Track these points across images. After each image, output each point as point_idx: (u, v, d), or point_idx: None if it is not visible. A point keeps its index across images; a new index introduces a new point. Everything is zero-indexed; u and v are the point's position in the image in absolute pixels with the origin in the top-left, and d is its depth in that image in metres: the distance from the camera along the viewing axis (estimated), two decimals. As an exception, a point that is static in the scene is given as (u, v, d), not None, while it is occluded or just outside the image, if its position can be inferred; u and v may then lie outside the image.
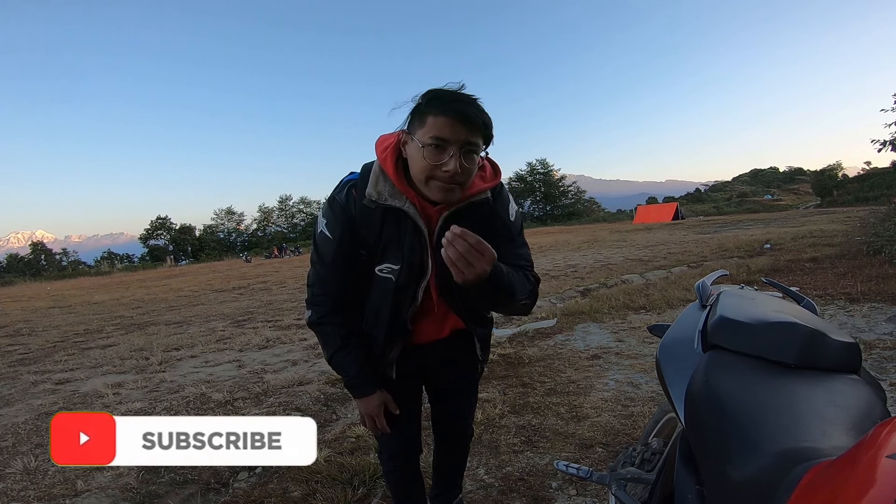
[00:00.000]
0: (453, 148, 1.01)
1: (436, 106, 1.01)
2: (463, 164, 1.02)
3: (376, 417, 1.24)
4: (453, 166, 1.00)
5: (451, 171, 1.01)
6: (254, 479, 2.16)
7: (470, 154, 1.03)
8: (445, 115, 0.99)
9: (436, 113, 1.00)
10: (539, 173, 54.74)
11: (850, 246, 7.98)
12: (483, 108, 1.05)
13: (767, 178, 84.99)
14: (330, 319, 1.19)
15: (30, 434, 2.73)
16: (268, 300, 8.63)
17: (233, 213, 54.12)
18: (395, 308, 1.18)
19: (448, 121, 0.99)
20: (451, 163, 1.01)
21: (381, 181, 1.11)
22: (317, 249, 1.18)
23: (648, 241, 15.00)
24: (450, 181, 1.03)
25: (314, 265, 1.20)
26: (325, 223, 1.15)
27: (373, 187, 1.10)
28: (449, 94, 1.02)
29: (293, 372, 3.63)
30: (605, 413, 2.50)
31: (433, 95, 1.03)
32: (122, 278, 23.76)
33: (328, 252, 1.15)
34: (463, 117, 0.99)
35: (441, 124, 1.00)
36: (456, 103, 1.00)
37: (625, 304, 5.12)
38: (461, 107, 1.00)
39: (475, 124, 1.01)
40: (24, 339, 6.51)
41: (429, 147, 1.01)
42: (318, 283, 1.19)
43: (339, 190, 1.15)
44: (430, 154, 1.01)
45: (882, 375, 2.68)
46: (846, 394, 0.75)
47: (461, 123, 0.99)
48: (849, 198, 36.33)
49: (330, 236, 1.14)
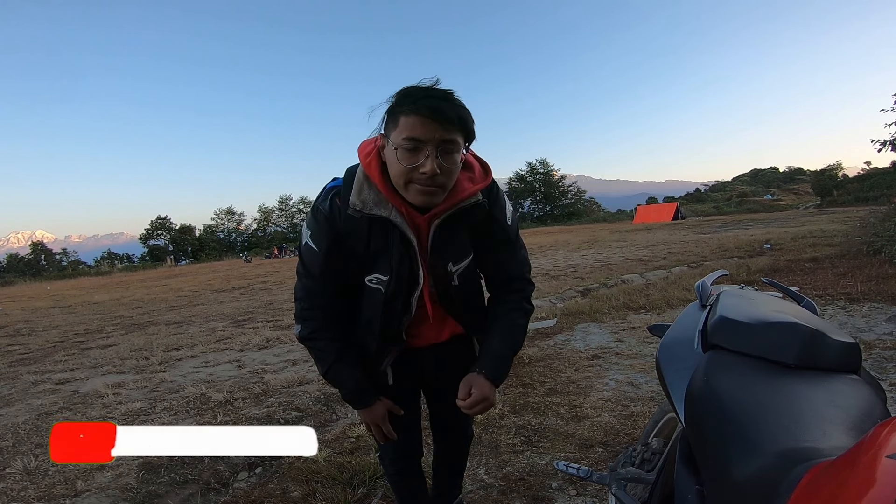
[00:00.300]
0: (428, 147, 0.95)
1: (406, 104, 0.95)
2: (441, 165, 0.96)
3: (382, 425, 1.22)
4: (430, 167, 0.94)
5: (428, 173, 0.95)
6: (254, 479, 2.16)
7: (449, 153, 0.97)
8: (417, 114, 0.93)
9: (407, 112, 0.94)
10: (539, 173, 54.74)
11: (850, 246, 7.98)
12: (459, 102, 0.98)
13: (767, 178, 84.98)
14: (322, 334, 1.14)
15: (30, 434, 2.73)
16: (268, 300, 8.62)
17: (233, 213, 54.15)
18: (387, 319, 1.13)
19: (420, 119, 0.93)
20: (427, 164, 0.94)
21: (365, 188, 1.04)
22: (303, 262, 1.12)
23: (648, 241, 15.00)
24: (429, 184, 0.97)
25: (301, 278, 1.14)
26: (309, 235, 1.09)
27: (356, 196, 1.03)
28: (420, 91, 0.96)
29: (293, 372, 3.63)
30: (605, 413, 2.50)
31: (404, 93, 0.97)
32: (122, 278, 23.75)
33: (315, 265, 1.09)
34: (435, 114, 0.93)
35: (413, 123, 0.94)
36: (427, 99, 0.94)
37: (625, 304, 5.12)
38: (433, 103, 0.93)
39: (450, 120, 0.94)
40: (24, 339, 6.51)
41: (402, 149, 0.95)
42: (307, 297, 1.14)
43: (322, 199, 1.09)
44: (404, 156, 0.95)
45: (882, 375, 2.68)
46: (846, 394, 0.75)
47: (434, 121, 0.93)
48: (849, 198, 36.32)
49: (316, 248, 1.08)
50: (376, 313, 1.13)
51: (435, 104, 0.93)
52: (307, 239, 1.09)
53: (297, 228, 53.20)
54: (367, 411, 1.21)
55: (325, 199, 1.08)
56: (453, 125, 0.95)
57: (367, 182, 1.04)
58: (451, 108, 0.95)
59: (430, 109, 0.93)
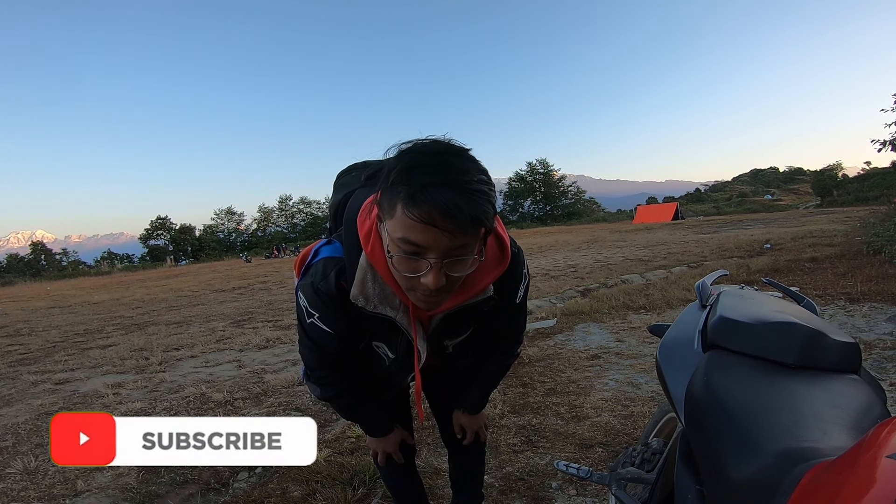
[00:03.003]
0: (431, 258, 0.73)
1: (405, 194, 0.69)
2: (448, 276, 0.77)
3: (393, 454, 1.25)
4: (433, 282, 0.75)
5: (431, 288, 0.76)
6: (254, 479, 2.16)
7: (458, 262, 0.76)
8: (417, 215, 0.69)
9: (406, 203, 0.69)
10: (539, 173, 54.81)
11: (850, 246, 7.97)
12: (478, 189, 0.71)
13: (767, 178, 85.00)
14: (344, 394, 1.11)
15: (30, 434, 2.73)
16: (268, 300, 8.62)
17: (233, 213, 54.23)
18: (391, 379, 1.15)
19: (420, 224, 0.69)
20: (429, 277, 0.74)
21: (368, 281, 0.88)
22: (310, 338, 0.98)
23: (648, 241, 14.99)
24: (432, 295, 0.80)
25: (311, 350, 1.01)
26: (317, 316, 0.93)
27: (359, 289, 0.88)
28: (425, 174, 0.69)
29: (293, 372, 3.63)
30: (605, 413, 2.50)
31: (404, 168, 0.71)
32: (122, 278, 23.75)
33: (330, 345, 0.98)
34: (444, 218, 0.68)
35: (411, 226, 0.70)
36: (434, 190, 0.68)
37: (625, 304, 5.11)
38: (441, 199, 0.68)
39: (462, 227, 0.70)
40: (24, 339, 6.51)
41: (399, 251, 0.74)
42: (322, 367, 1.05)
43: (322, 276, 0.91)
44: (401, 261, 0.75)
45: (882, 375, 2.67)
46: (846, 394, 0.75)
47: (440, 228, 0.69)
48: (849, 198, 36.34)
49: (330, 331, 0.94)
50: (382, 373, 1.12)
51: (444, 202, 0.68)
52: (315, 320, 0.94)
53: (296, 228, 53.22)
54: (383, 441, 1.24)
55: (326, 277, 0.91)
56: (464, 232, 0.71)
57: (371, 273, 0.88)
58: (465, 203, 0.69)
59: (438, 211, 0.68)
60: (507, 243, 0.93)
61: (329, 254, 0.94)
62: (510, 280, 0.98)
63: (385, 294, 0.90)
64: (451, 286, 0.80)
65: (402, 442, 1.29)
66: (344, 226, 0.95)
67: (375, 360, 1.08)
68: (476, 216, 0.71)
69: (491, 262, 0.91)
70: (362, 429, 1.25)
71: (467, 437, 1.33)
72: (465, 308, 0.95)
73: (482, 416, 1.35)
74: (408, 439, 1.30)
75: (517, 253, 0.98)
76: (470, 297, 0.91)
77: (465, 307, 0.94)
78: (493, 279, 0.92)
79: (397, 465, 1.35)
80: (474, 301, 0.93)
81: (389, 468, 1.38)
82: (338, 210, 1.07)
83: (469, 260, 0.78)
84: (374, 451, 1.28)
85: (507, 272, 0.94)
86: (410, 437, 1.34)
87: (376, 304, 0.90)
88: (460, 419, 1.32)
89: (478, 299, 0.93)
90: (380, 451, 1.26)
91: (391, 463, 1.30)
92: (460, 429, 1.33)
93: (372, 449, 1.28)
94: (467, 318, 1.03)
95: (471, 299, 0.92)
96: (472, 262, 0.79)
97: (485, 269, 0.90)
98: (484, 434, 1.38)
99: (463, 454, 1.47)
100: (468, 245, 0.75)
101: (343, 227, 0.95)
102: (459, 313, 0.97)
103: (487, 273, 0.91)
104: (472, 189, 0.70)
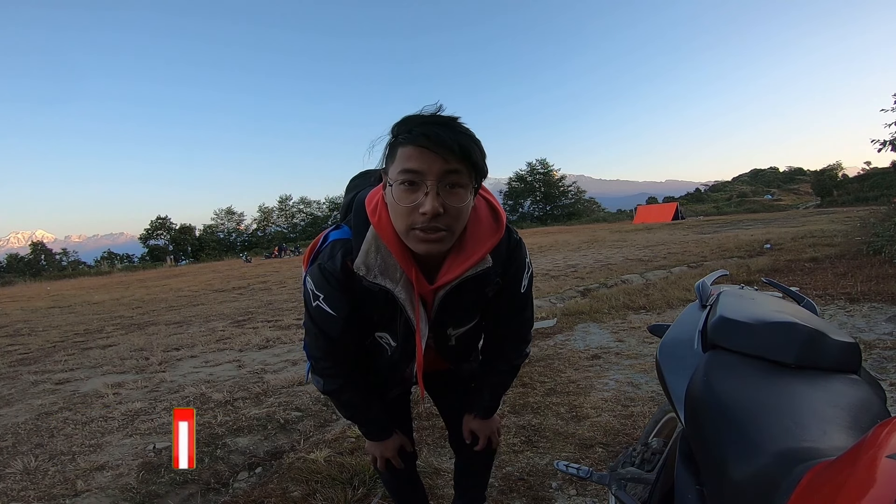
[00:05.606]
0: (428, 182, 0.82)
1: (403, 134, 0.84)
2: (445, 203, 0.83)
3: (392, 459, 1.23)
4: (430, 206, 0.81)
5: (428, 212, 0.82)
6: (254, 479, 2.16)
7: (453, 188, 0.84)
8: (414, 143, 0.82)
9: (403, 141, 0.83)
10: (539, 173, 54.81)
11: (850, 246, 7.98)
12: (464, 129, 0.85)
13: (767, 178, 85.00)
14: (347, 388, 1.11)
15: (30, 434, 2.73)
16: (268, 300, 8.63)
17: (233, 213, 54.21)
18: (393, 370, 1.15)
19: (417, 149, 0.81)
20: (427, 202, 0.82)
21: (372, 252, 0.92)
22: (315, 323, 1.01)
23: (648, 241, 14.99)
24: (431, 228, 0.84)
25: (316, 338, 1.03)
26: (322, 298, 0.97)
27: (363, 259, 0.92)
28: (418, 118, 0.85)
29: (293, 372, 3.63)
30: (605, 413, 2.50)
31: (401, 121, 0.86)
32: (122, 278, 23.75)
33: (334, 329, 1.00)
34: (434, 142, 0.81)
35: (409, 154, 0.82)
36: (424, 126, 0.82)
37: (625, 304, 5.12)
38: (431, 129, 0.81)
39: (449, 148, 0.81)
40: (24, 339, 6.51)
41: (399, 185, 0.83)
42: (326, 357, 1.06)
43: (329, 256, 0.97)
44: (401, 194, 0.84)
45: (882, 375, 2.68)
46: (846, 394, 0.75)
47: (433, 151, 0.81)
48: (849, 198, 36.35)
49: (333, 313, 0.97)
50: (383, 363, 1.14)
51: (433, 131, 0.81)
52: (320, 302, 0.97)
53: (296, 228, 53.18)
54: (382, 444, 1.22)
55: (332, 257, 0.96)
56: (454, 154, 0.82)
57: (376, 243, 0.93)
58: (452, 134, 0.83)
59: (426, 137, 0.81)
60: (501, 213, 0.99)
61: (338, 236, 1.00)
62: (513, 264, 1.02)
63: (387, 265, 0.93)
64: (452, 220, 0.85)
65: (401, 448, 1.27)
66: (353, 211, 1.00)
67: (378, 352, 1.11)
68: (462, 145, 0.83)
69: (486, 228, 0.96)
70: (361, 431, 1.23)
71: (479, 442, 1.28)
72: (467, 283, 0.96)
73: (494, 421, 1.30)
74: (407, 446, 1.27)
75: (519, 240, 1.03)
76: (470, 265, 0.93)
77: (466, 280, 0.96)
78: (490, 246, 0.95)
79: (397, 471, 1.34)
80: (475, 272, 0.95)
81: (389, 473, 1.36)
82: (349, 206, 1.12)
83: (464, 193, 0.85)
84: (372, 455, 1.26)
85: (503, 242, 0.98)
86: (410, 443, 1.31)
87: (376, 275, 0.92)
88: (471, 424, 1.28)
89: (478, 270, 0.95)
90: (378, 455, 1.23)
91: (391, 468, 1.29)
92: (470, 434, 1.29)
93: (371, 454, 1.26)
94: (470, 302, 1.04)
95: (471, 269, 0.94)
96: (469, 196, 0.87)
97: (482, 236, 0.95)
98: (496, 440, 1.32)
99: (471, 459, 1.44)
100: (460, 172, 0.84)
101: (352, 213, 1.00)
102: (463, 292, 0.98)
103: (484, 240, 0.95)
104: (458, 128, 0.84)
